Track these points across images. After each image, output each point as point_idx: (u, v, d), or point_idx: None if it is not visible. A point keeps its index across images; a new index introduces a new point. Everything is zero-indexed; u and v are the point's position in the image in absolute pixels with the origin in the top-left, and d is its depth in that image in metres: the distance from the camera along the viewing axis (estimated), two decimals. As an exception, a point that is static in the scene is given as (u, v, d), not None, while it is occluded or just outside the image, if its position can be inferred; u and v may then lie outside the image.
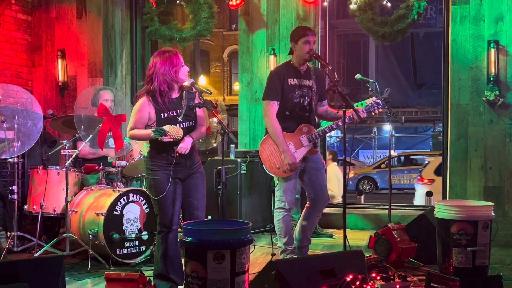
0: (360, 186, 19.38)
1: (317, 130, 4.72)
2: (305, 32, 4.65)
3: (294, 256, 4.75)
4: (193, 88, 4.02)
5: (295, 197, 4.98)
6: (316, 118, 4.99)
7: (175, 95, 4.04)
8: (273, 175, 4.78)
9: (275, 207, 4.81)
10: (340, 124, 4.53)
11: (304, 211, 4.87)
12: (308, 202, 4.84)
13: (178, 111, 3.99)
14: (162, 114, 3.96)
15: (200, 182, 4.15)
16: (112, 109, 5.68)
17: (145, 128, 3.99)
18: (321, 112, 4.88)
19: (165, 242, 4.04)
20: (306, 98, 4.70)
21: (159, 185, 3.97)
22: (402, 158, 20.92)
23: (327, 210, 7.08)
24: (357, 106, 4.65)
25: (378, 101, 4.67)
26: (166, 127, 3.85)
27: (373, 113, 4.71)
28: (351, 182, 18.98)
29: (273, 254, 5.11)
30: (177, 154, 3.95)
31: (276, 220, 4.80)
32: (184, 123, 4.00)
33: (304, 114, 4.72)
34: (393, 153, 23.66)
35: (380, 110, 4.70)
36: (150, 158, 4.06)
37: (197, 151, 4.21)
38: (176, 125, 3.91)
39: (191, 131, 4.07)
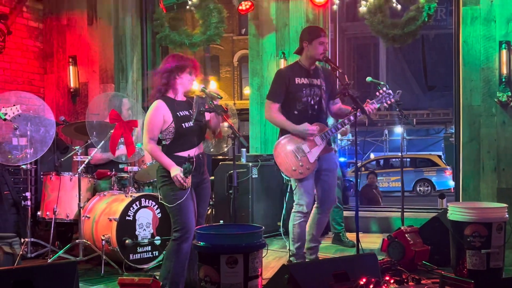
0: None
1: (329, 127, 4.71)
2: (320, 33, 4.67)
3: (306, 260, 4.73)
4: (204, 93, 4.03)
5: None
6: (332, 118, 4.96)
7: (181, 98, 4.10)
8: (288, 177, 4.77)
9: (293, 210, 4.77)
10: (352, 118, 4.49)
11: (312, 211, 4.84)
12: (315, 202, 4.83)
13: (190, 111, 4.01)
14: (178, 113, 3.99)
15: (208, 192, 4.20)
16: (130, 116, 5.71)
17: (161, 133, 3.97)
18: (335, 110, 4.87)
19: (182, 251, 3.90)
20: (315, 97, 4.69)
21: (179, 191, 3.89)
22: (382, 161, 20.96)
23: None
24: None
25: (389, 91, 4.64)
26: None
27: (385, 104, 4.65)
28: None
29: (289, 261, 5.06)
30: (193, 159, 3.94)
31: (291, 224, 4.77)
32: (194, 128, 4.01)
33: (314, 113, 4.70)
34: (372, 156, 23.75)
35: (393, 100, 4.65)
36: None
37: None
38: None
39: (203, 133, 4.12)
